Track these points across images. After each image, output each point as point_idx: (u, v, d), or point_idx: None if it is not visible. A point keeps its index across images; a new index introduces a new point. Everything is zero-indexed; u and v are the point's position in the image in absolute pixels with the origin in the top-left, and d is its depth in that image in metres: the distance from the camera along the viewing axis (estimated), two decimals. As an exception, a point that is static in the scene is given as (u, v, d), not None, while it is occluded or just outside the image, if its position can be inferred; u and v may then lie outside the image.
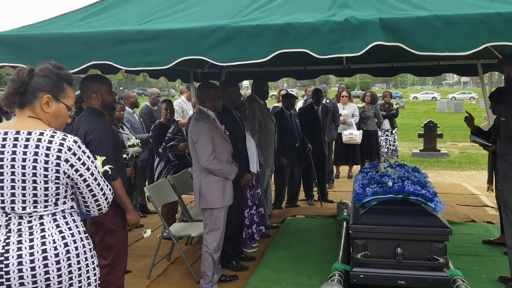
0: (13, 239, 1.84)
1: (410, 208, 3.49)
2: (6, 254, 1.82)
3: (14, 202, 1.86)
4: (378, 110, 8.72)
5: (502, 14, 2.61)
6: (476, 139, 4.61)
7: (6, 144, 1.87)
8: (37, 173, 1.86)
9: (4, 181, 1.86)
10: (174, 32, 2.98)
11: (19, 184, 1.86)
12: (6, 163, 1.86)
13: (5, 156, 1.86)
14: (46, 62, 2.01)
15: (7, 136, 1.88)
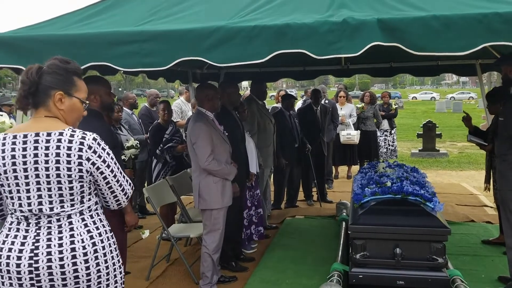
0: (43, 240, 1.87)
1: (409, 208, 3.49)
2: (36, 258, 1.85)
3: (41, 204, 1.88)
4: (377, 111, 8.73)
5: (500, 14, 2.61)
6: (472, 138, 4.64)
7: (27, 147, 1.87)
8: (61, 174, 1.88)
9: (29, 183, 1.87)
10: (172, 33, 2.98)
11: (44, 186, 1.87)
12: (30, 166, 1.86)
13: (27, 160, 1.86)
14: (53, 58, 1.99)
15: (27, 139, 1.88)
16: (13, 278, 1.85)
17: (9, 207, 1.92)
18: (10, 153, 1.86)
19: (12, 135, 1.89)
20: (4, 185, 1.89)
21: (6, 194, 1.91)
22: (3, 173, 1.87)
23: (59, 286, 1.86)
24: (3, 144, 1.88)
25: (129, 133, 5.56)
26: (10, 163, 1.86)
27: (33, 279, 1.84)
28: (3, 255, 1.86)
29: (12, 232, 1.89)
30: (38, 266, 1.84)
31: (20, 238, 1.87)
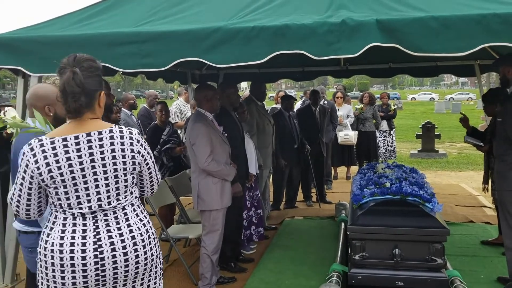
0: (103, 232, 1.94)
1: (408, 209, 3.49)
2: (100, 249, 1.92)
3: (100, 200, 1.95)
4: (376, 111, 8.73)
5: (498, 14, 2.62)
6: (468, 139, 4.65)
7: (81, 148, 1.92)
8: (118, 168, 1.97)
9: (87, 182, 1.93)
10: (171, 34, 2.98)
11: (102, 182, 1.95)
12: (86, 165, 1.92)
13: (83, 159, 1.92)
14: (85, 58, 1.95)
15: (79, 140, 1.92)
16: (77, 272, 1.91)
17: (63, 206, 1.94)
18: (64, 155, 1.90)
19: (61, 138, 1.91)
20: (59, 187, 1.91)
21: (60, 195, 1.93)
22: (59, 176, 1.90)
23: (122, 273, 1.97)
24: (53, 148, 1.90)
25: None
26: (66, 166, 1.89)
27: (98, 269, 1.92)
28: (65, 250, 1.91)
29: (69, 227, 1.93)
30: (103, 256, 1.92)
31: (80, 233, 1.93)
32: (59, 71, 1.93)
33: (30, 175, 1.91)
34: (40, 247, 1.97)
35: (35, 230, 2.51)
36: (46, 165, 1.89)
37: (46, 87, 2.68)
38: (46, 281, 1.95)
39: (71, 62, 1.91)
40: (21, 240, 2.60)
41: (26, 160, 1.90)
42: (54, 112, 2.59)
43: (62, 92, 1.91)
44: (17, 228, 2.60)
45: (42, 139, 1.91)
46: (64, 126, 1.98)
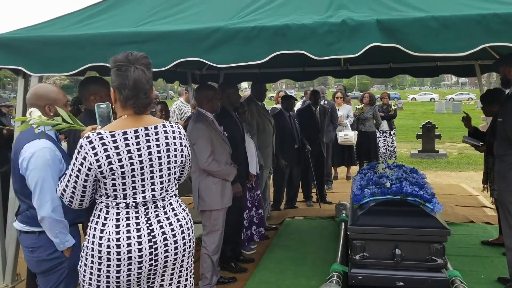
0: (154, 223, 2.04)
1: (408, 209, 3.49)
2: (154, 239, 2.02)
3: (154, 190, 2.05)
4: (376, 112, 8.73)
5: (499, 15, 2.62)
6: (466, 139, 4.67)
7: (140, 141, 2.01)
8: (171, 160, 2.09)
9: (144, 174, 2.01)
10: (171, 34, 2.98)
11: (157, 174, 2.05)
12: (144, 158, 2.01)
13: (142, 152, 2.00)
14: (141, 55, 2.01)
15: (138, 134, 2.01)
16: (133, 264, 1.98)
17: (117, 197, 2.00)
18: (125, 148, 1.97)
19: (121, 131, 1.98)
20: (117, 178, 1.97)
21: (117, 186, 1.98)
22: (119, 168, 1.95)
23: (171, 261, 2.08)
24: (114, 141, 1.95)
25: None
26: (127, 158, 1.96)
27: (152, 260, 2.02)
28: (122, 244, 1.96)
29: (123, 222, 2.00)
30: (156, 246, 2.02)
31: (134, 226, 2.00)
32: (118, 69, 1.98)
33: (87, 167, 1.95)
34: (93, 243, 1.99)
35: (36, 230, 2.51)
36: (107, 158, 1.94)
37: (46, 86, 2.68)
38: (97, 276, 1.99)
39: (132, 59, 1.97)
40: (22, 240, 2.60)
41: (84, 153, 1.94)
42: (55, 111, 2.59)
43: (132, 89, 1.96)
44: (18, 228, 2.60)
45: (100, 133, 1.96)
46: (121, 120, 2.03)
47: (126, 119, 2.03)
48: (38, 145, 2.45)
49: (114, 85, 2.01)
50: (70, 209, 2.56)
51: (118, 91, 2.00)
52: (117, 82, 1.98)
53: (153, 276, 2.07)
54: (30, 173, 2.42)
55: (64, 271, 2.54)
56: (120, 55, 2.00)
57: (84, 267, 2.04)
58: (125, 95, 1.97)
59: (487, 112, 4.56)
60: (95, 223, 2.03)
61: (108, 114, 2.22)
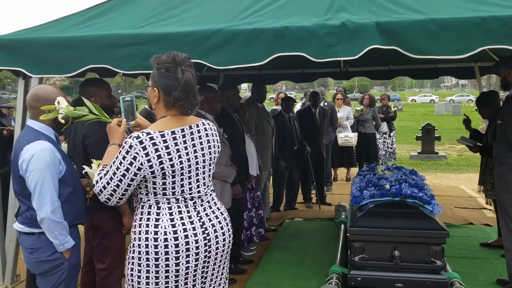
0: (203, 217, 2.10)
1: (407, 210, 3.49)
2: (206, 231, 2.08)
3: (198, 186, 2.11)
4: (376, 113, 8.74)
5: (498, 17, 2.63)
6: (461, 140, 4.72)
7: (187, 140, 2.06)
8: (212, 157, 2.17)
9: (191, 171, 2.07)
10: (171, 35, 2.99)
11: (201, 170, 2.11)
12: (191, 155, 2.06)
13: (189, 150, 2.06)
14: (185, 56, 2.05)
15: (185, 133, 2.06)
16: (191, 256, 2.03)
17: (166, 194, 2.04)
18: (174, 147, 2.01)
19: (170, 131, 2.02)
20: (167, 177, 2.00)
21: (167, 185, 2.02)
22: (170, 167, 1.99)
23: (220, 252, 2.17)
24: (164, 141, 1.99)
25: (129, 135, 5.55)
26: (176, 157, 2.01)
27: (207, 251, 2.08)
28: (179, 236, 2.01)
29: (176, 215, 2.04)
30: (209, 237, 2.09)
31: (187, 219, 2.05)
32: (166, 70, 2.00)
33: (137, 167, 1.96)
34: (148, 239, 2.01)
35: (36, 231, 2.51)
36: (158, 157, 1.96)
37: (45, 88, 2.68)
38: (155, 273, 2.00)
39: (178, 61, 2.01)
40: (22, 241, 2.60)
41: (135, 153, 1.95)
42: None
43: (183, 90, 2.00)
44: (18, 229, 2.60)
45: (150, 133, 1.98)
46: (165, 120, 2.06)
47: (171, 119, 2.06)
48: (38, 146, 2.45)
49: (159, 86, 2.02)
50: (70, 210, 2.58)
51: (165, 92, 2.01)
52: (165, 83, 2.00)
53: (206, 269, 2.13)
54: (29, 175, 2.42)
55: (63, 272, 2.54)
56: (165, 56, 2.02)
57: (138, 267, 2.03)
58: (176, 97, 2.00)
59: (482, 114, 4.61)
60: (146, 220, 2.03)
61: (133, 107, 2.26)
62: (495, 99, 4.53)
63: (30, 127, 2.58)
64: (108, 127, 2.21)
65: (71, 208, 2.58)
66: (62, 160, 2.55)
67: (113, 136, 2.19)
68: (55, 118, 2.58)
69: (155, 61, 2.04)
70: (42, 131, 2.56)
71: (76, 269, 2.64)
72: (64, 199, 2.52)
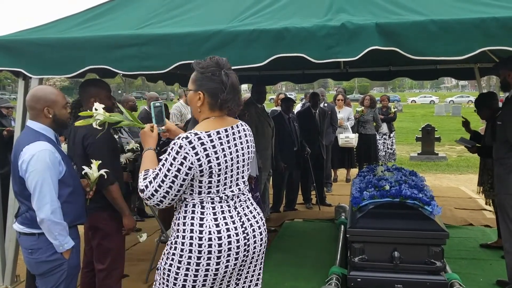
0: (242, 216, 2.15)
1: (407, 211, 3.49)
2: (246, 231, 2.12)
3: (238, 185, 2.16)
4: (376, 114, 8.74)
5: (497, 18, 2.63)
6: (459, 141, 4.74)
7: (229, 140, 2.11)
8: (249, 157, 2.22)
9: (232, 170, 2.11)
10: (171, 36, 2.99)
11: (240, 170, 2.16)
12: (233, 155, 2.11)
13: (231, 150, 2.11)
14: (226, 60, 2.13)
15: (228, 133, 2.12)
16: (231, 255, 2.06)
17: (211, 193, 2.08)
18: (220, 147, 2.06)
19: (215, 131, 2.08)
20: (214, 176, 2.05)
21: (213, 184, 2.06)
22: (216, 166, 2.04)
23: (257, 251, 2.19)
24: (211, 141, 2.04)
25: (130, 136, 5.56)
26: (222, 156, 2.06)
27: (246, 250, 2.12)
28: (223, 236, 2.05)
29: (219, 215, 2.09)
30: (248, 237, 2.12)
31: (229, 218, 2.10)
32: (213, 74, 2.07)
33: (188, 166, 1.99)
34: (192, 238, 2.03)
35: (35, 232, 2.51)
36: (206, 157, 2.01)
37: (44, 88, 2.68)
38: (195, 271, 2.03)
39: (221, 64, 2.09)
40: (21, 241, 2.60)
41: (185, 153, 1.99)
42: (53, 114, 2.60)
43: (230, 92, 2.08)
44: (17, 229, 2.60)
45: (197, 133, 2.03)
46: (210, 121, 2.12)
47: (214, 120, 2.12)
48: (38, 147, 2.45)
49: (206, 89, 2.07)
50: (70, 211, 2.58)
51: (212, 94, 2.07)
52: (211, 87, 2.06)
53: (242, 270, 2.17)
54: (29, 175, 2.42)
55: (63, 273, 2.54)
56: (207, 61, 2.09)
57: (178, 264, 2.05)
58: (223, 99, 2.06)
59: (481, 115, 4.63)
60: (190, 219, 2.06)
61: (162, 112, 2.33)
62: (493, 100, 4.54)
63: (30, 127, 2.58)
64: (142, 133, 2.24)
65: (71, 209, 2.58)
66: (62, 160, 2.55)
67: (147, 141, 2.24)
68: (53, 118, 2.58)
69: (198, 65, 2.10)
70: (42, 131, 2.56)
71: (76, 269, 2.64)
72: (64, 200, 2.52)
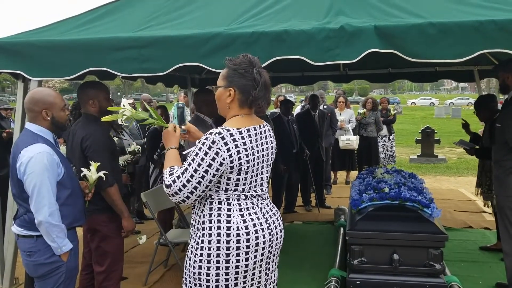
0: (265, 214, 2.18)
1: (406, 214, 3.49)
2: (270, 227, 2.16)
3: (262, 185, 2.18)
4: (378, 117, 8.73)
5: (496, 21, 2.63)
6: (457, 143, 4.77)
7: (257, 139, 2.13)
8: (272, 157, 2.24)
9: (258, 169, 2.13)
10: (170, 38, 2.99)
11: (264, 169, 2.18)
12: (259, 154, 2.13)
13: (258, 149, 2.12)
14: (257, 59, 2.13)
15: (256, 132, 2.13)
16: (259, 249, 2.11)
17: (237, 190, 2.10)
18: (250, 144, 2.08)
19: (246, 128, 2.09)
20: (242, 173, 2.06)
21: (240, 181, 2.08)
22: (246, 163, 2.06)
23: (277, 248, 2.25)
24: (242, 138, 2.05)
25: (131, 138, 5.56)
26: (251, 153, 2.08)
27: (270, 246, 2.16)
28: (250, 231, 2.08)
29: (245, 211, 2.11)
30: (272, 233, 2.16)
31: (254, 214, 2.13)
32: (245, 71, 2.07)
33: (219, 162, 2.00)
34: (220, 235, 2.05)
35: (34, 234, 2.51)
36: (237, 153, 2.02)
37: (42, 91, 2.67)
38: (226, 269, 2.05)
39: (253, 62, 2.09)
40: (20, 244, 2.59)
41: (217, 149, 1.99)
42: (52, 116, 2.59)
43: (262, 90, 2.09)
44: (16, 231, 2.59)
45: (229, 129, 2.04)
46: (239, 118, 2.12)
47: (243, 118, 2.13)
48: (36, 149, 2.45)
49: (237, 86, 2.08)
50: (69, 213, 2.57)
51: (243, 91, 2.08)
52: (243, 84, 2.07)
53: (267, 265, 2.22)
54: (27, 178, 2.42)
55: (61, 275, 2.54)
56: (240, 58, 2.10)
57: (207, 264, 2.06)
58: (254, 96, 2.07)
59: (480, 117, 4.66)
60: (217, 216, 2.07)
61: (184, 113, 2.38)
62: (492, 102, 4.56)
63: (28, 130, 2.58)
64: (165, 132, 2.26)
65: (70, 211, 2.57)
66: (61, 162, 2.54)
67: (170, 140, 2.24)
68: (52, 121, 2.57)
69: (230, 62, 2.10)
70: (40, 133, 2.56)
71: (74, 272, 2.64)
72: (62, 202, 2.52)
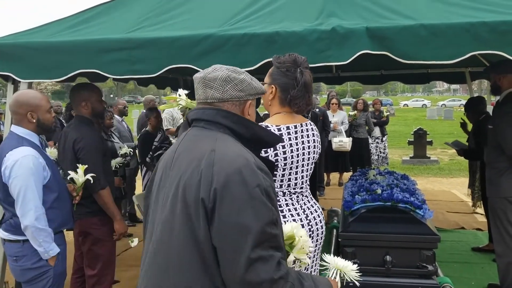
0: (305, 208, 2.21)
1: (398, 215, 3.49)
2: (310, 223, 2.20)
3: (302, 183, 2.21)
4: (369, 118, 8.76)
5: (486, 23, 2.64)
6: (448, 143, 4.83)
7: (298, 136, 2.15)
8: (314, 156, 2.24)
9: (298, 167, 2.15)
10: (161, 40, 2.98)
11: (305, 168, 2.19)
12: (300, 152, 2.15)
13: (299, 147, 2.14)
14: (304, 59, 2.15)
15: (297, 129, 2.15)
16: None
17: (281, 187, 2.13)
18: (288, 142, 2.10)
19: (285, 126, 2.12)
20: (279, 170, 2.09)
21: (277, 177, 2.09)
22: (283, 160, 2.08)
23: (318, 243, 2.29)
24: (280, 135, 2.07)
25: (121, 141, 5.53)
26: (289, 151, 2.10)
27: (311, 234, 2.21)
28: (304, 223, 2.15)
29: (284, 207, 2.15)
30: (313, 229, 2.20)
31: (293, 211, 2.16)
32: (287, 69, 2.10)
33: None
34: None
35: (20, 239, 2.47)
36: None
37: (27, 93, 2.64)
38: None
39: (298, 62, 2.11)
40: (6, 248, 2.56)
41: None
42: (37, 118, 2.56)
43: (301, 90, 2.10)
44: (2, 236, 2.56)
45: (268, 126, 2.08)
46: (281, 116, 2.15)
47: (285, 116, 2.15)
48: (21, 153, 2.42)
49: (278, 83, 2.10)
50: (56, 217, 2.54)
51: (283, 90, 2.10)
52: (284, 82, 2.10)
53: None
54: (12, 182, 2.38)
55: (49, 280, 2.51)
56: (286, 57, 2.13)
57: None
58: (293, 95, 2.08)
59: (469, 118, 4.75)
60: None
61: None
62: (480, 105, 4.64)
63: (14, 133, 2.54)
64: None
65: (57, 215, 2.54)
66: (47, 166, 2.51)
67: None
68: (37, 123, 2.54)
69: (276, 60, 2.13)
70: (26, 136, 2.52)
71: (61, 276, 2.61)
72: (49, 206, 2.48)
